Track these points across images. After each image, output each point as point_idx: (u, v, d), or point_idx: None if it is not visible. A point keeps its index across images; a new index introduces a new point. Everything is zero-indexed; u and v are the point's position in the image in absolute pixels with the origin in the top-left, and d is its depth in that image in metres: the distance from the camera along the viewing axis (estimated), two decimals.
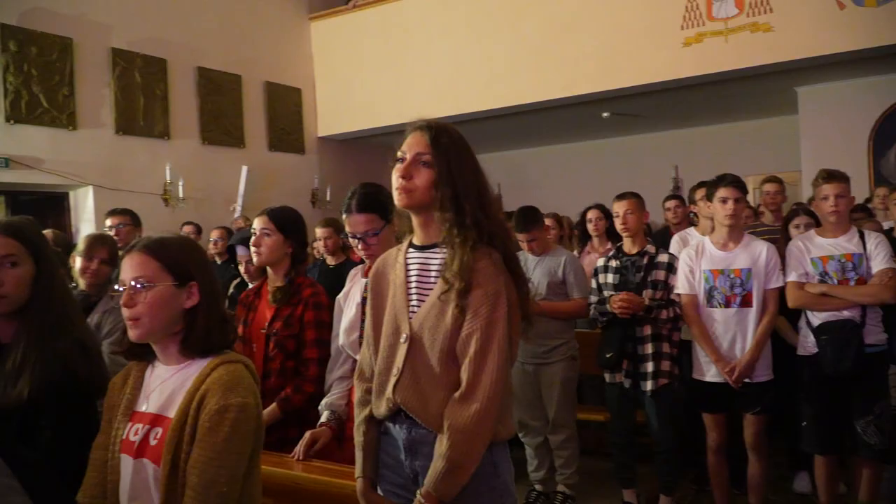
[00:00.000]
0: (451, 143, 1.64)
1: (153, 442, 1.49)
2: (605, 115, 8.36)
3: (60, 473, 1.41)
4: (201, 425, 1.43)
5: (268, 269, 2.68)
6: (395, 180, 1.63)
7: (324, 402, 2.43)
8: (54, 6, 6.44)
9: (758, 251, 3.25)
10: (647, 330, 3.40)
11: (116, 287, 1.52)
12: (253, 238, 2.60)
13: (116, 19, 6.93)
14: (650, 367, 3.39)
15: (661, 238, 4.99)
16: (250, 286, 3.10)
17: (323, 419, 2.37)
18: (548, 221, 4.62)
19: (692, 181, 4.78)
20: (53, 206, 6.80)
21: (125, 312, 1.50)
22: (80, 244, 3.11)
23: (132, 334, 1.52)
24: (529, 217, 3.88)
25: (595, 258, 4.78)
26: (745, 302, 3.23)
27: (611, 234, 4.79)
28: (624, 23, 6.81)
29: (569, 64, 7.10)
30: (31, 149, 6.21)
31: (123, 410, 1.55)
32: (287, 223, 2.61)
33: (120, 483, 1.50)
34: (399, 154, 1.65)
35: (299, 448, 2.24)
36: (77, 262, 3.01)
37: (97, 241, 3.04)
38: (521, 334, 1.68)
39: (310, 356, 2.54)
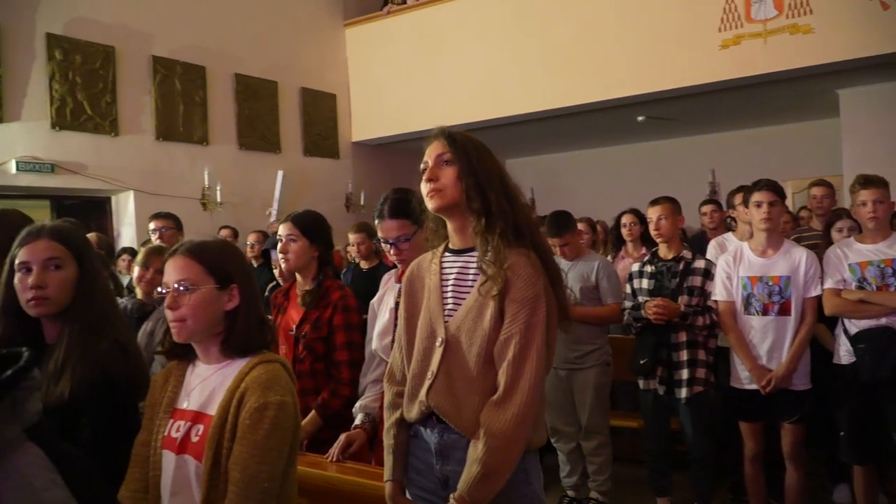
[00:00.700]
0: (467, 140, 1.69)
1: (195, 438, 1.53)
2: (640, 118, 8.29)
3: (100, 471, 1.45)
4: (242, 423, 1.46)
5: (296, 273, 2.72)
6: (424, 186, 1.67)
7: (358, 404, 2.45)
8: (98, 15, 6.62)
9: (797, 258, 3.19)
10: (683, 336, 3.36)
11: (160, 289, 1.57)
12: (279, 244, 2.64)
13: (157, 28, 7.09)
14: (685, 374, 3.34)
15: (697, 243, 4.93)
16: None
17: (357, 422, 2.39)
18: (580, 226, 4.60)
19: (729, 186, 4.71)
20: (96, 210, 6.98)
21: (169, 314, 1.55)
22: (139, 255, 3.26)
23: (177, 335, 1.56)
24: (562, 221, 3.86)
25: (629, 263, 4.74)
26: (784, 310, 3.17)
27: (645, 239, 4.75)
28: (660, 25, 6.75)
29: (603, 67, 7.06)
30: (75, 154, 6.39)
31: (165, 408, 1.60)
32: (311, 228, 2.63)
33: (162, 478, 1.55)
34: (422, 165, 1.70)
35: (334, 450, 2.26)
36: (135, 272, 3.15)
37: (154, 252, 3.16)
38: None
39: (341, 359, 2.56)
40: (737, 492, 3.82)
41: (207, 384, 1.58)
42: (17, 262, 1.69)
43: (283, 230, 2.64)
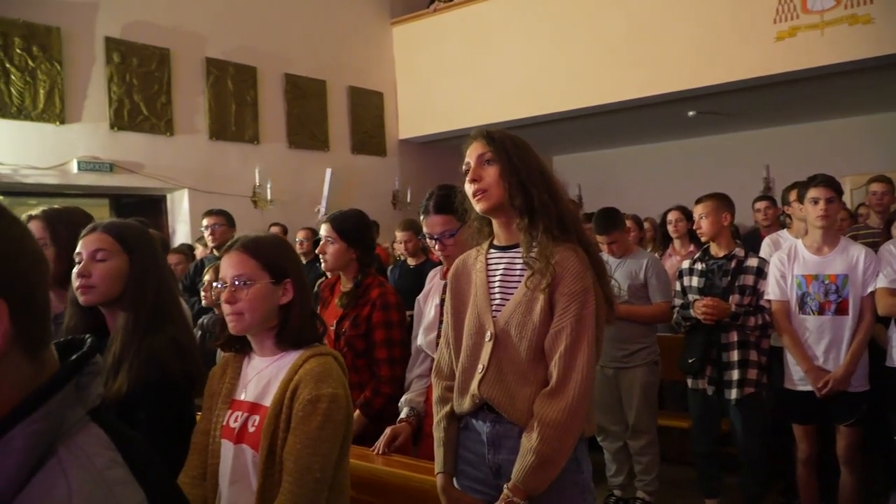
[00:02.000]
0: (506, 137, 1.71)
1: (251, 429, 1.58)
2: (690, 113, 8.12)
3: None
4: (295, 414, 1.51)
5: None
6: (468, 188, 1.69)
7: (404, 398, 2.48)
8: (153, 18, 6.82)
9: (855, 256, 3.09)
10: (734, 336, 3.29)
11: (215, 284, 1.62)
12: (320, 245, 2.68)
13: (210, 30, 7.27)
14: (735, 374, 3.27)
15: (751, 240, 4.82)
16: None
17: (402, 415, 2.42)
18: (627, 223, 4.55)
19: (785, 181, 4.60)
20: (152, 208, 7.19)
21: (226, 308, 1.59)
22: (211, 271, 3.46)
23: (233, 328, 1.61)
24: (610, 219, 3.82)
25: (677, 261, 4.67)
26: (841, 309, 3.08)
27: (693, 236, 4.67)
28: (712, 17, 6.61)
29: (653, 61, 6.95)
30: (132, 154, 6.61)
31: (223, 398, 1.66)
32: (349, 230, 2.64)
33: (220, 466, 1.61)
34: (464, 167, 1.73)
35: (380, 442, 2.29)
36: (206, 276, 3.34)
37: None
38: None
39: (380, 357, 2.58)
40: (788, 496, 3.73)
41: (263, 376, 1.63)
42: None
43: (322, 231, 2.69)
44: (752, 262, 3.35)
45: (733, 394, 3.27)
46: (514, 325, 1.63)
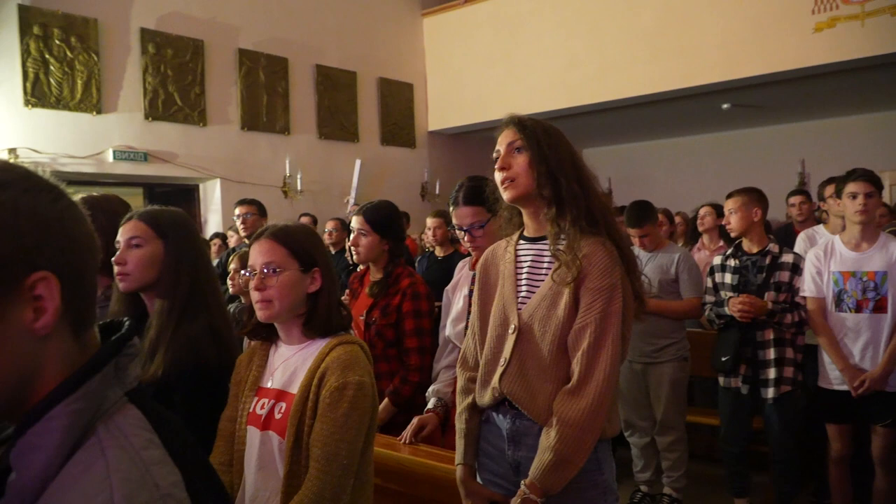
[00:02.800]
0: (537, 125, 1.68)
1: (278, 416, 1.59)
2: (725, 106, 7.99)
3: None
4: (322, 401, 1.52)
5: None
6: (497, 175, 1.67)
7: (431, 389, 2.49)
8: (188, 10, 6.90)
9: (894, 253, 3.01)
10: (770, 334, 3.22)
11: (244, 272, 1.63)
12: (352, 237, 2.69)
13: (243, 21, 7.34)
14: (772, 373, 3.20)
15: (784, 236, 4.73)
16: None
17: (430, 406, 2.43)
18: (659, 217, 4.49)
19: (820, 176, 4.50)
20: (185, 197, 7.31)
21: (255, 295, 1.61)
22: (237, 257, 3.50)
23: (262, 315, 1.62)
24: (642, 212, 3.77)
25: (706, 256, 4.60)
26: (879, 307, 3.00)
27: (723, 232, 4.60)
28: (749, 8, 6.47)
29: (688, 53, 6.84)
30: (166, 144, 6.71)
31: (250, 386, 1.67)
32: (381, 222, 2.65)
33: (247, 453, 1.62)
34: (494, 154, 1.70)
35: (407, 432, 2.30)
36: (231, 265, 3.37)
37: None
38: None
39: (410, 346, 2.60)
40: (820, 496, 3.66)
41: (289, 364, 1.64)
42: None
43: (354, 223, 2.70)
44: (788, 257, 3.27)
45: (770, 392, 3.20)
46: (539, 318, 1.61)
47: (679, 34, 6.90)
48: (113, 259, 1.77)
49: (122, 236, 1.79)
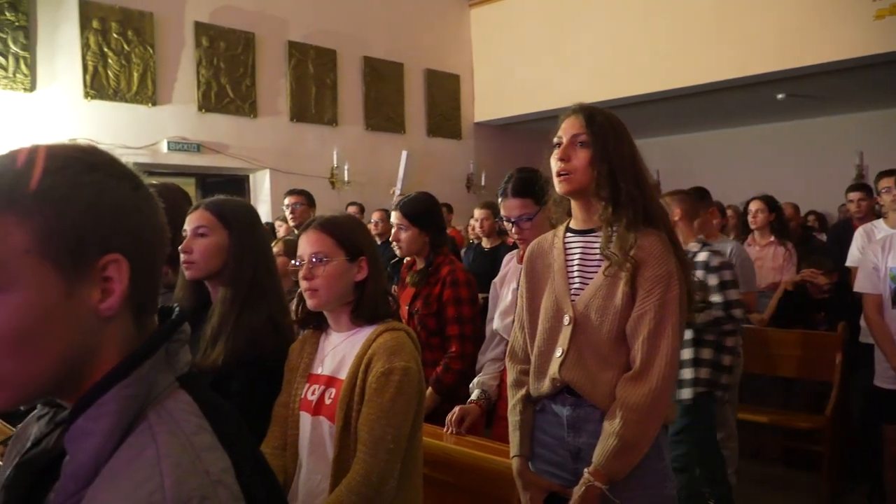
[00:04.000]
0: (607, 122, 1.64)
1: (328, 401, 1.63)
2: (779, 96, 7.76)
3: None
4: (369, 386, 1.55)
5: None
6: (554, 164, 1.65)
7: (475, 380, 2.49)
8: (239, 3, 7.02)
9: None
10: (687, 334, 2.87)
11: (294, 262, 1.68)
12: (393, 233, 2.71)
13: (292, 14, 7.43)
14: (688, 373, 2.95)
15: (841, 231, 4.59)
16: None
17: (473, 397, 2.43)
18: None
19: (880, 169, 4.33)
20: (236, 187, 7.45)
21: (304, 284, 1.65)
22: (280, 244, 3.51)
23: (310, 303, 1.67)
24: (699, 192, 3.70)
25: (756, 251, 4.49)
26: None
27: (774, 227, 4.48)
28: None
29: (742, 42, 6.65)
30: (218, 135, 6.86)
31: (302, 372, 1.71)
32: (419, 216, 2.67)
33: (299, 437, 1.67)
34: (556, 139, 1.67)
35: (450, 420, 2.31)
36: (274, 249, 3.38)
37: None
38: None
39: (451, 333, 2.61)
40: (874, 499, 3.56)
41: (338, 351, 1.68)
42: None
43: (394, 218, 2.72)
44: (702, 256, 3.04)
45: (685, 394, 2.95)
46: (595, 308, 1.61)
47: (734, 22, 6.72)
48: (180, 248, 1.82)
49: (188, 225, 1.84)
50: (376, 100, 8.18)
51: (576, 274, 1.68)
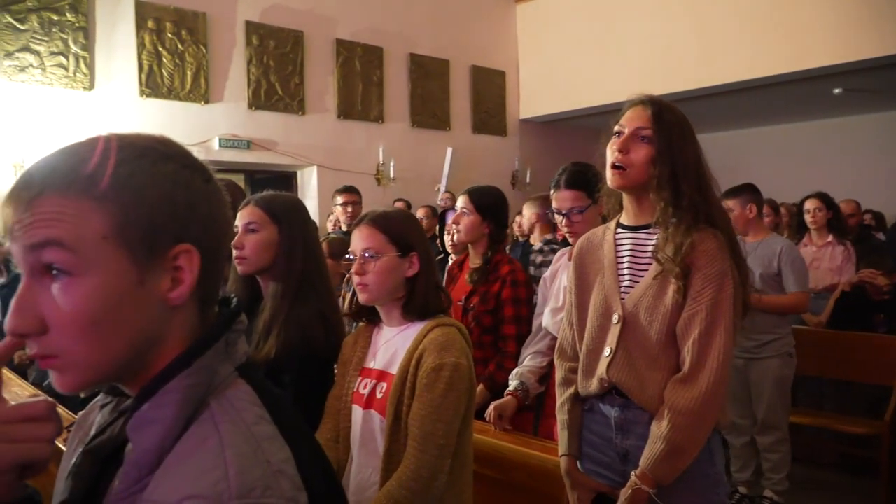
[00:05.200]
0: (675, 120, 1.58)
1: (379, 395, 1.65)
2: (836, 91, 7.51)
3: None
4: (419, 382, 1.56)
5: (469, 246, 2.77)
6: (611, 154, 1.59)
7: (515, 371, 2.46)
8: (289, 2, 7.13)
9: None
10: None
11: (348, 256, 1.70)
12: (455, 215, 2.70)
13: (340, 12, 7.51)
14: None
15: None
16: (452, 258, 3.18)
17: (511, 388, 2.40)
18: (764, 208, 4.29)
19: None
20: (284, 183, 7.54)
21: (355, 279, 1.67)
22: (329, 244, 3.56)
23: (362, 298, 1.69)
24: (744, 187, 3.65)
25: (812, 251, 4.36)
26: None
27: (833, 227, 4.34)
28: None
29: (796, 34, 6.46)
30: (267, 132, 6.98)
31: (355, 366, 1.74)
32: (485, 204, 2.66)
33: (351, 430, 1.69)
34: (616, 128, 1.61)
35: (490, 416, 2.30)
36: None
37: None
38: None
39: (508, 332, 2.59)
40: None
41: (390, 345, 1.69)
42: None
43: (460, 201, 2.72)
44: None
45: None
46: (644, 308, 1.57)
47: (787, 14, 6.53)
48: (231, 243, 1.85)
49: (239, 221, 1.88)
50: (422, 97, 8.20)
51: (626, 271, 1.64)
